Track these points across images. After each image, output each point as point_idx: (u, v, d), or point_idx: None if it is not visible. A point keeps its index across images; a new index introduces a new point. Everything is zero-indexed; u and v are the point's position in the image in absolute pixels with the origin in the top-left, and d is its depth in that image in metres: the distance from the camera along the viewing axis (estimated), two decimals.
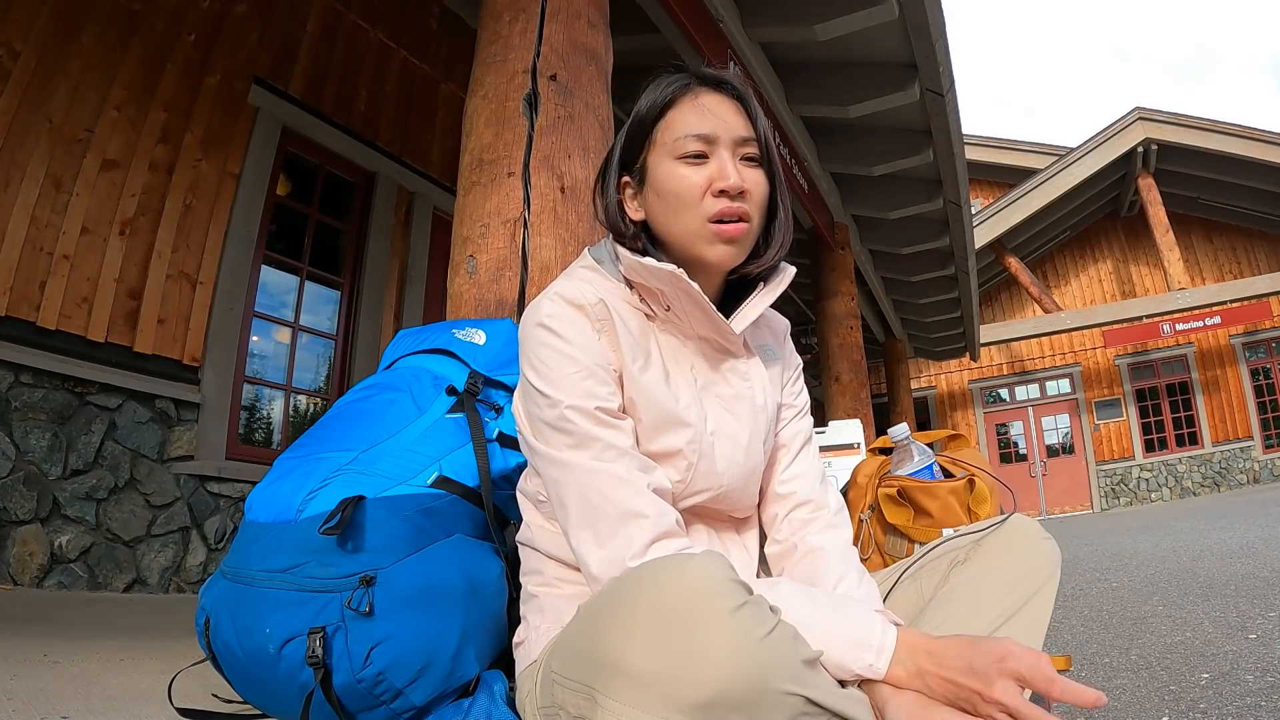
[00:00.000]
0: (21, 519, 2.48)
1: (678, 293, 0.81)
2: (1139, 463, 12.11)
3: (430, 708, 0.82)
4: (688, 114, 0.82)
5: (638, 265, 0.81)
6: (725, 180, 0.79)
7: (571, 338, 0.76)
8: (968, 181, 5.01)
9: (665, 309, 0.84)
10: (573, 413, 0.74)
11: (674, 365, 0.84)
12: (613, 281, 0.84)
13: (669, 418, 0.79)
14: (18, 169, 2.61)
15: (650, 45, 3.43)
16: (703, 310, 0.82)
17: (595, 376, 0.76)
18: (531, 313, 0.79)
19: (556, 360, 0.76)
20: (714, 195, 0.80)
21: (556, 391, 0.75)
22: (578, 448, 0.74)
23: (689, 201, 0.81)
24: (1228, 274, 12.02)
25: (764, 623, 0.57)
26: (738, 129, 0.82)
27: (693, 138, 0.81)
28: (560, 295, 0.78)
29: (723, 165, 0.80)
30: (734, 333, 0.84)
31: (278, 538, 0.83)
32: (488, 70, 1.76)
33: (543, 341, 0.77)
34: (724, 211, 0.79)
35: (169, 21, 3.11)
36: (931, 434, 1.73)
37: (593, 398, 0.75)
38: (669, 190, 0.82)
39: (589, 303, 0.78)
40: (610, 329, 0.79)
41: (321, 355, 3.94)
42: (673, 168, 0.82)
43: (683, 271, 0.79)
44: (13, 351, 2.54)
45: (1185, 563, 3.49)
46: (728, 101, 0.84)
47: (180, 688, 0.99)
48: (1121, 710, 1.44)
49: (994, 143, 13.41)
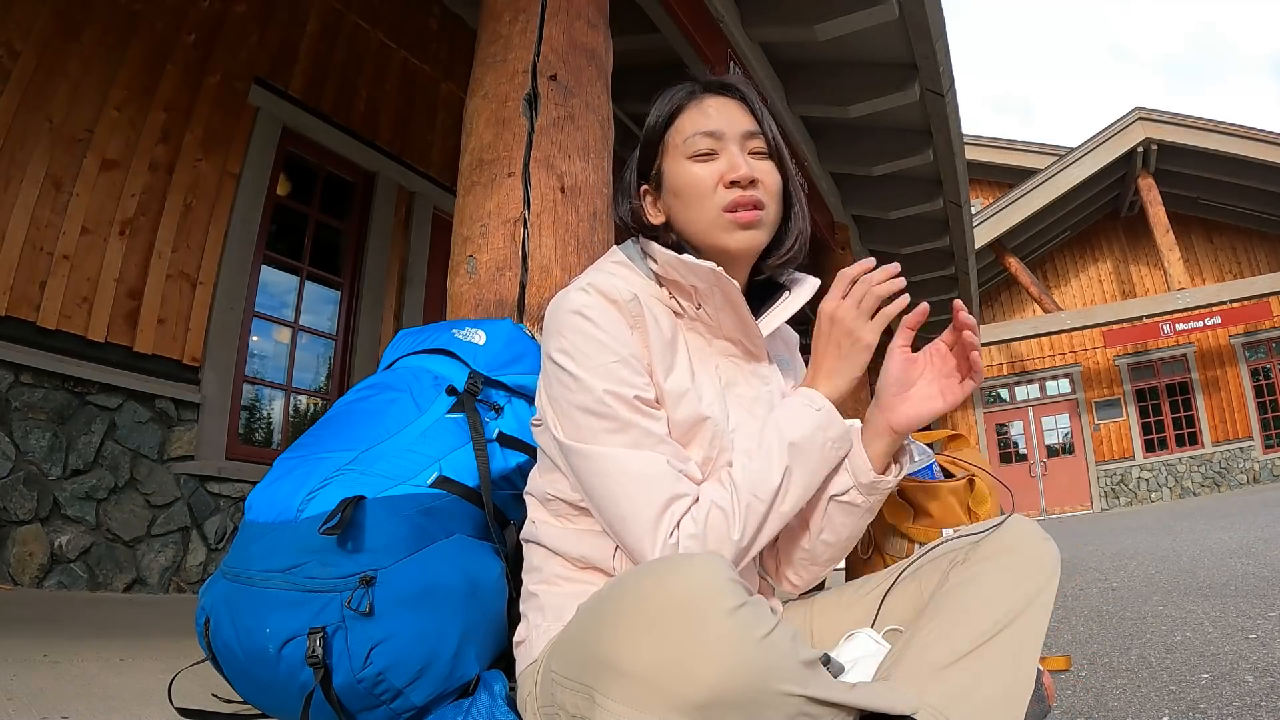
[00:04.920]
0: (21, 519, 2.48)
1: (714, 290, 0.83)
2: (1139, 463, 12.12)
3: (430, 708, 0.81)
4: (694, 117, 0.88)
5: (677, 262, 0.83)
6: (736, 170, 0.84)
7: (607, 327, 0.77)
8: (968, 181, 5.01)
9: (696, 307, 0.85)
10: (611, 398, 0.74)
11: (700, 364, 0.85)
12: (644, 278, 0.86)
13: (693, 416, 0.80)
14: (18, 169, 2.61)
15: (650, 45, 3.43)
16: (735, 309, 0.84)
17: (630, 366, 0.77)
18: (563, 302, 0.79)
19: (593, 348, 0.76)
20: (725, 186, 0.84)
21: (593, 377, 0.75)
22: (618, 432, 0.74)
23: (703, 193, 0.85)
24: (1228, 274, 12.03)
25: (763, 623, 0.57)
26: (743, 124, 0.87)
27: (701, 135, 0.86)
28: (595, 286, 0.79)
29: (732, 158, 0.85)
30: (760, 334, 0.87)
31: (278, 538, 0.83)
32: (488, 70, 1.76)
33: (578, 329, 0.77)
34: (738, 200, 0.83)
35: (169, 21, 3.11)
36: (931, 434, 1.73)
37: (630, 385, 0.76)
38: (684, 186, 0.86)
39: (623, 298, 0.79)
40: (642, 325, 0.80)
41: (321, 355, 3.95)
42: (685, 167, 0.86)
43: (722, 269, 0.81)
44: (13, 351, 2.54)
45: (1185, 563, 3.49)
46: (731, 102, 0.89)
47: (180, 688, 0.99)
48: (1121, 710, 1.44)
49: (994, 143, 13.42)
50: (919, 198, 4.94)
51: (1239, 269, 12.06)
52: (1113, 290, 12.85)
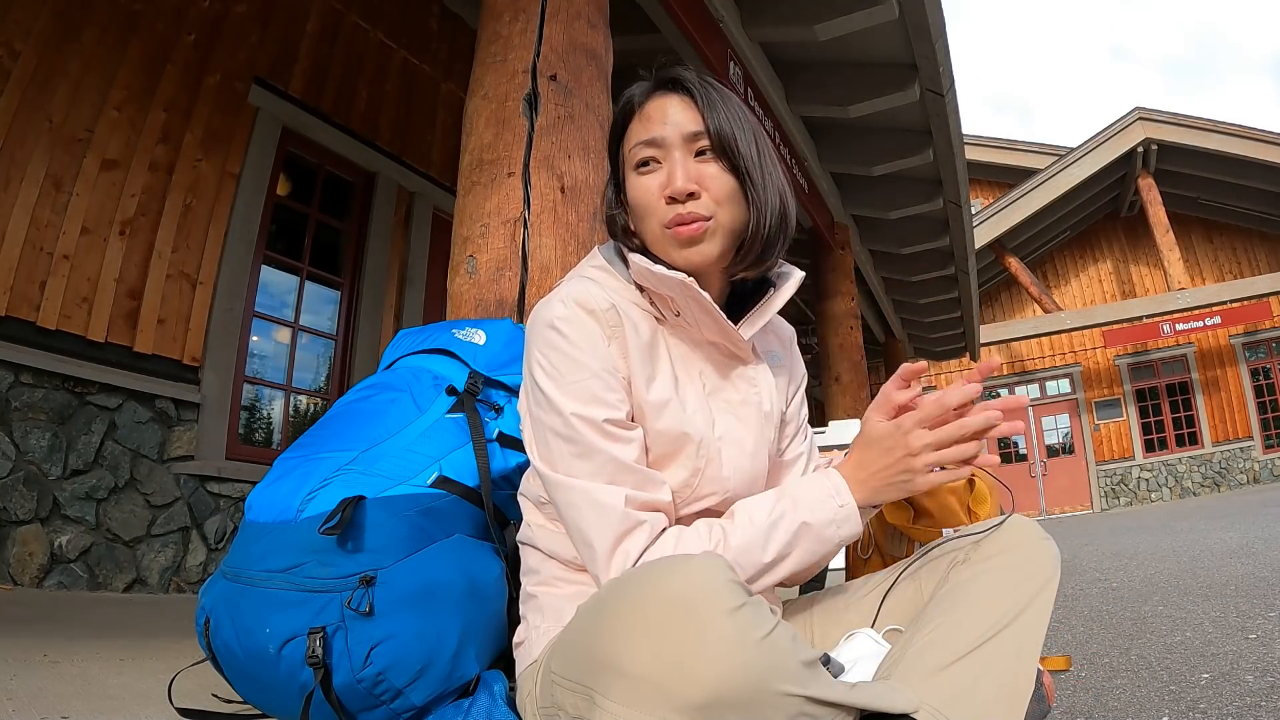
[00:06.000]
0: (21, 519, 2.48)
1: (687, 300, 0.80)
2: (1139, 463, 12.12)
3: (430, 708, 0.81)
4: (637, 124, 0.84)
5: (648, 272, 0.80)
6: (671, 184, 0.80)
7: (581, 343, 0.75)
8: (968, 181, 5.01)
9: (675, 314, 0.83)
10: (579, 421, 0.73)
11: (683, 371, 0.83)
12: (623, 282, 0.84)
13: (677, 425, 0.78)
14: (18, 169, 2.61)
15: (650, 45, 3.43)
16: (712, 317, 0.81)
17: (605, 383, 0.75)
18: (541, 313, 0.78)
19: (566, 365, 0.75)
20: (667, 202, 0.80)
21: (564, 398, 0.74)
22: (582, 458, 0.73)
23: (648, 209, 0.82)
24: (1228, 274, 12.03)
25: (763, 623, 0.56)
26: (685, 125, 0.81)
27: (641, 145, 0.82)
28: (572, 298, 0.77)
29: (671, 168, 0.81)
30: (743, 339, 0.84)
31: (278, 538, 0.83)
32: (488, 70, 1.76)
33: (552, 345, 0.75)
34: (675, 218, 0.79)
35: (169, 21, 3.11)
36: None
37: (602, 406, 0.74)
38: (632, 201, 0.84)
39: (600, 308, 0.77)
40: (621, 335, 0.78)
41: (321, 355, 3.95)
42: (633, 179, 0.84)
43: (694, 281, 0.79)
44: (13, 351, 2.54)
45: (1185, 563, 3.49)
46: (677, 100, 0.82)
47: (180, 688, 0.99)
48: (1121, 710, 1.44)
49: (994, 143, 13.42)
50: (919, 198, 4.95)
51: (1239, 269, 12.06)
52: (1113, 290, 12.85)
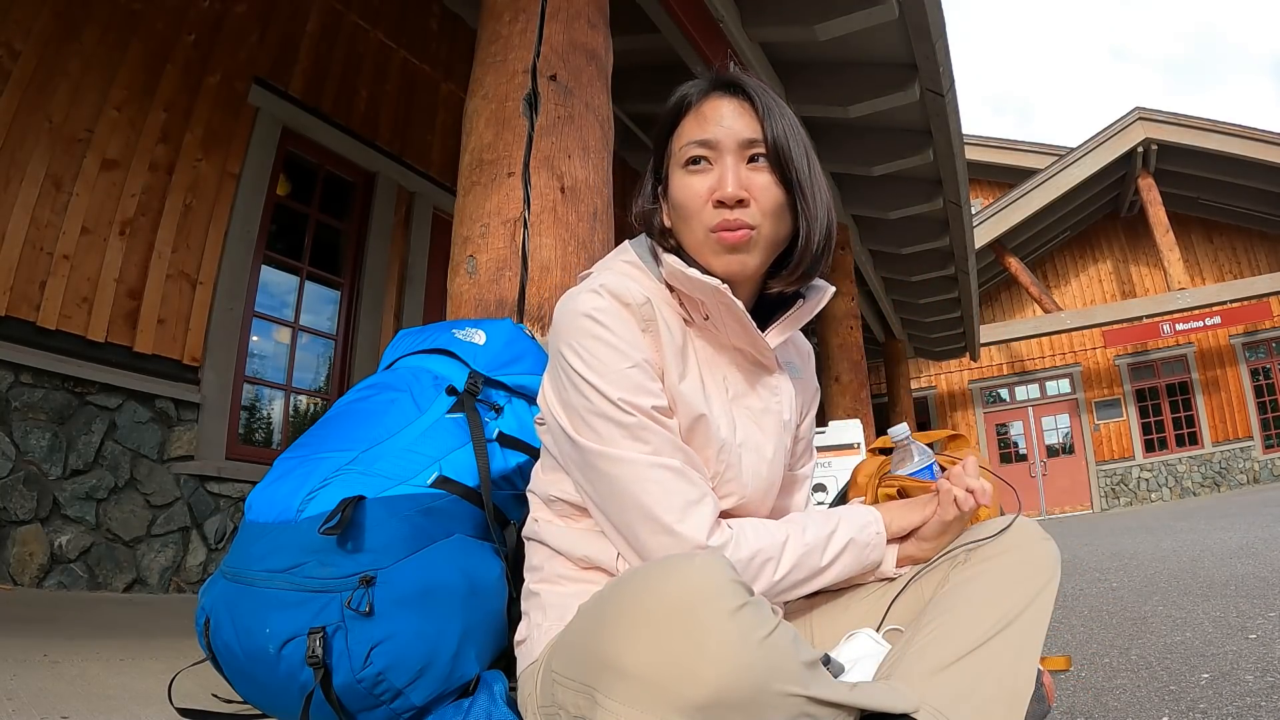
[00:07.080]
0: (21, 519, 2.48)
1: (718, 306, 0.80)
2: (1139, 463, 12.11)
3: (430, 708, 0.81)
4: (691, 122, 0.82)
5: (681, 275, 0.80)
6: (722, 189, 0.78)
7: (620, 332, 0.75)
8: (968, 181, 5.01)
9: (704, 317, 0.83)
10: (628, 405, 0.73)
11: (708, 374, 0.83)
12: (654, 281, 0.84)
13: (702, 426, 0.78)
14: (18, 169, 2.60)
15: (650, 45, 3.43)
16: (742, 325, 0.81)
17: (645, 373, 0.75)
18: (574, 303, 0.77)
19: (607, 353, 0.74)
20: (714, 205, 0.79)
21: (609, 384, 0.73)
22: (634, 440, 0.73)
23: (693, 210, 0.80)
24: (1228, 274, 12.02)
25: (765, 624, 0.57)
26: (742, 131, 0.80)
27: (694, 144, 0.81)
28: (607, 289, 0.76)
29: (723, 172, 0.79)
30: (769, 348, 0.84)
31: (278, 538, 0.83)
32: (488, 70, 1.76)
33: (591, 334, 0.74)
34: (722, 223, 0.78)
35: (169, 21, 3.11)
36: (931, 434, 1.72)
37: (647, 393, 0.74)
38: (677, 200, 0.82)
39: (636, 302, 0.77)
40: (654, 330, 0.78)
41: (321, 355, 3.94)
42: (680, 177, 0.82)
43: (727, 287, 0.78)
44: (13, 351, 2.54)
45: (1185, 563, 3.49)
46: (735, 103, 0.81)
47: (180, 688, 0.99)
48: (1121, 710, 1.44)
49: (994, 143, 13.41)
50: (919, 198, 4.94)
51: (1239, 269, 12.05)
52: (1113, 290, 12.85)
